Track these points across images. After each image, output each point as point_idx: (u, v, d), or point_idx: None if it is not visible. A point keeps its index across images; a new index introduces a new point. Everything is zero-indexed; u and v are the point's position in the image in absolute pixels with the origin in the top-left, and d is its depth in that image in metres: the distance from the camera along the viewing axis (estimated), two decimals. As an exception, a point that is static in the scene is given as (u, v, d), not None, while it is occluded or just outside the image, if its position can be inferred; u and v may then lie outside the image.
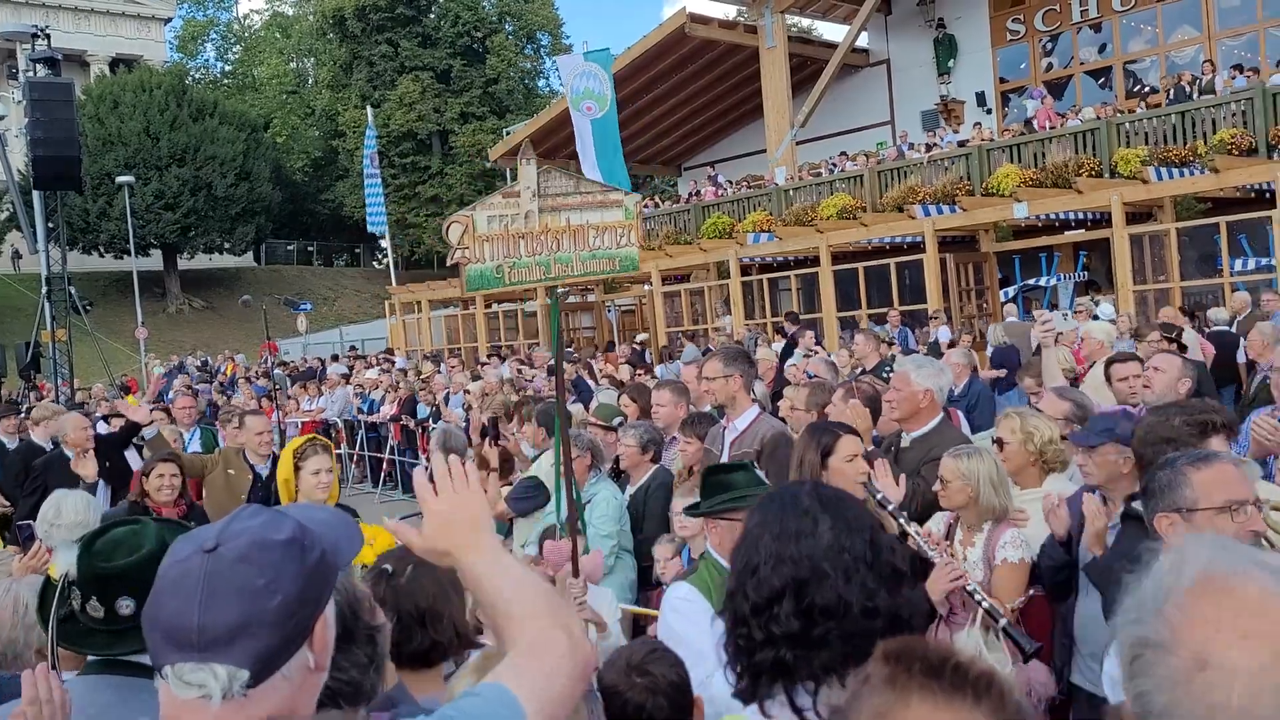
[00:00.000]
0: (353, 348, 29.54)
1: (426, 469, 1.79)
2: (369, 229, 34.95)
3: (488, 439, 5.55)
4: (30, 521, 5.50)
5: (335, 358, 26.16)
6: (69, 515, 4.36)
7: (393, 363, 21.27)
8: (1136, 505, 3.04)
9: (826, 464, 3.69)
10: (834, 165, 22.03)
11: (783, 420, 5.82)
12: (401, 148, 46.22)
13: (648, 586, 5.11)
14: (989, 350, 12.67)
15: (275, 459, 6.22)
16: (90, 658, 2.02)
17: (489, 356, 19.05)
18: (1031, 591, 3.67)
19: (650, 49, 24.13)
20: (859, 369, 9.62)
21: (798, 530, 1.70)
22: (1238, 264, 15.55)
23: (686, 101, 26.67)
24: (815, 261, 19.23)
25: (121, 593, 1.91)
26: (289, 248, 51.02)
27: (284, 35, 58.14)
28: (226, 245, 42.61)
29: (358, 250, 53.37)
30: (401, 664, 2.21)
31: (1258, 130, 15.60)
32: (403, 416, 14.80)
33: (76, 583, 1.96)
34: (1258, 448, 4.35)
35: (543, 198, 3.98)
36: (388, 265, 36.91)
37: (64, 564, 2.02)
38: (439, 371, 16.58)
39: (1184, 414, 3.45)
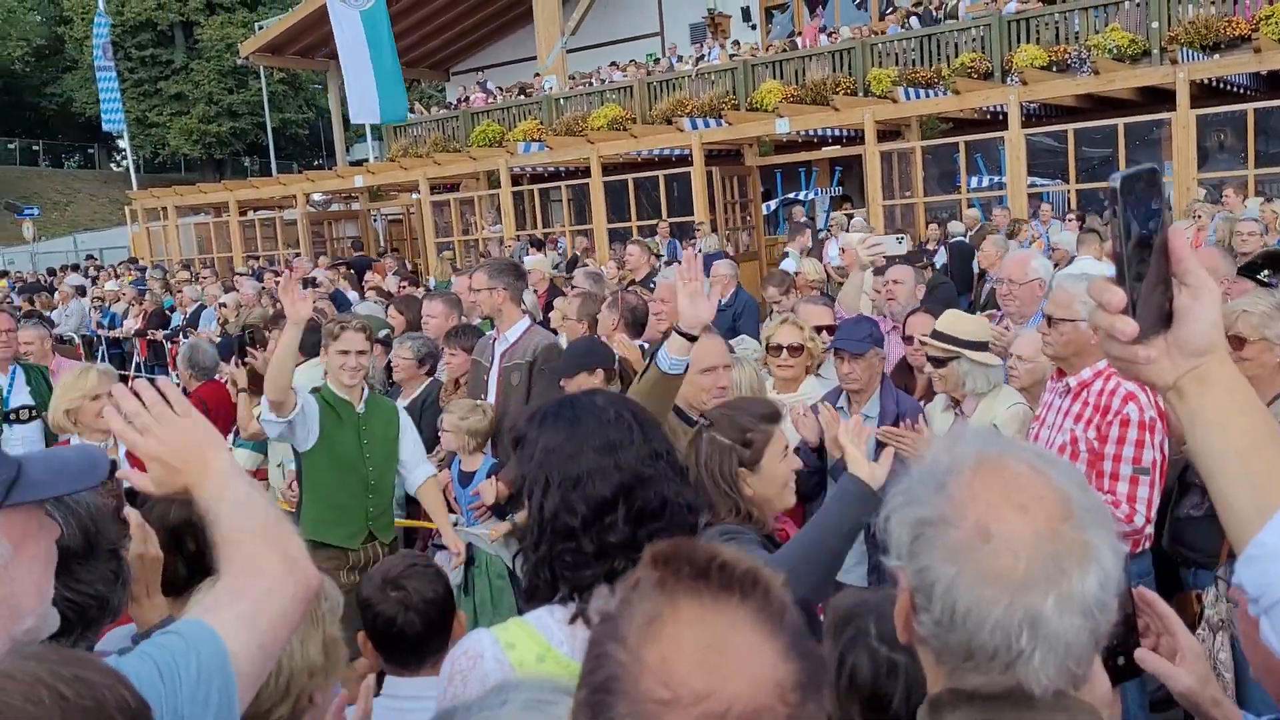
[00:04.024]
0: (90, 257, 27.18)
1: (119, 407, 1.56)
2: (104, 127, 31.94)
3: (233, 357, 5.24)
4: None
5: (76, 267, 24.06)
6: None
7: (141, 272, 19.77)
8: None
9: None
10: (604, 77, 21.93)
11: (554, 331, 5.83)
12: (139, 39, 42.13)
13: (414, 500, 5.04)
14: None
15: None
16: None
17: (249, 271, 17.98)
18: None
19: (416, -58, 23.00)
20: (629, 280, 9.74)
21: (619, 439, 1.73)
22: (973, 181, 16.77)
23: (455, 2, 25.67)
24: (586, 172, 19.20)
25: None
26: (9, 145, 45.72)
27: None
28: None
29: (91, 151, 48.60)
30: (165, 593, 2.08)
31: (994, 55, 16.72)
32: (149, 331, 13.83)
33: None
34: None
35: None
36: (127, 167, 33.95)
37: None
38: (193, 281, 15.57)
39: None
